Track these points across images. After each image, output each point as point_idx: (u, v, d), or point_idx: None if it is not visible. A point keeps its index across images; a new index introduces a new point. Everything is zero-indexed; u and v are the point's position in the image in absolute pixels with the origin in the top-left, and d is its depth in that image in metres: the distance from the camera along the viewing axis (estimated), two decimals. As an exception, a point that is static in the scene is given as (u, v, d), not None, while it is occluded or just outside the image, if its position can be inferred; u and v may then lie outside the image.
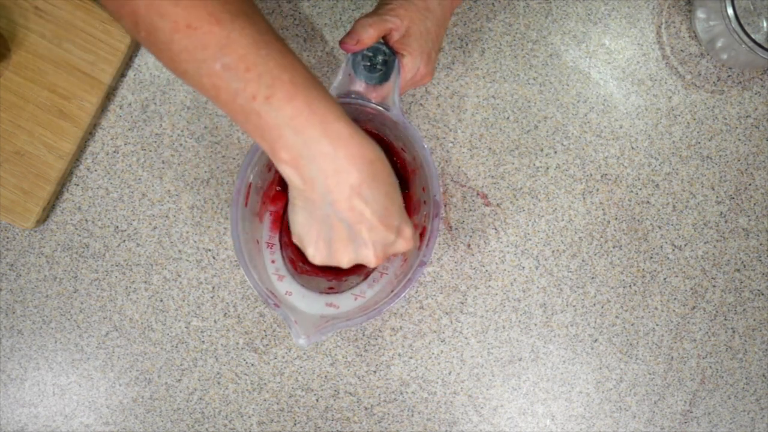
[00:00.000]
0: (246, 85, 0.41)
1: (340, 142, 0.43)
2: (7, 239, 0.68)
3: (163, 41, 0.41)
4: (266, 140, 0.43)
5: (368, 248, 0.47)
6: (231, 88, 0.41)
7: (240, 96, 0.41)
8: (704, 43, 0.66)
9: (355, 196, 0.44)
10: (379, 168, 0.45)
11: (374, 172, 0.44)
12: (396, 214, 0.47)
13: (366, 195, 0.44)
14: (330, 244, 0.47)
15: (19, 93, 0.65)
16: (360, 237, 0.46)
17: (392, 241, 0.48)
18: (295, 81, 0.42)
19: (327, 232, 0.47)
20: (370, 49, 0.54)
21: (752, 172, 0.67)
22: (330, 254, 0.48)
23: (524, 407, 0.67)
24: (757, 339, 0.68)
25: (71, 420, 0.68)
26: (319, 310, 0.56)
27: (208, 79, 0.42)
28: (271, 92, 0.41)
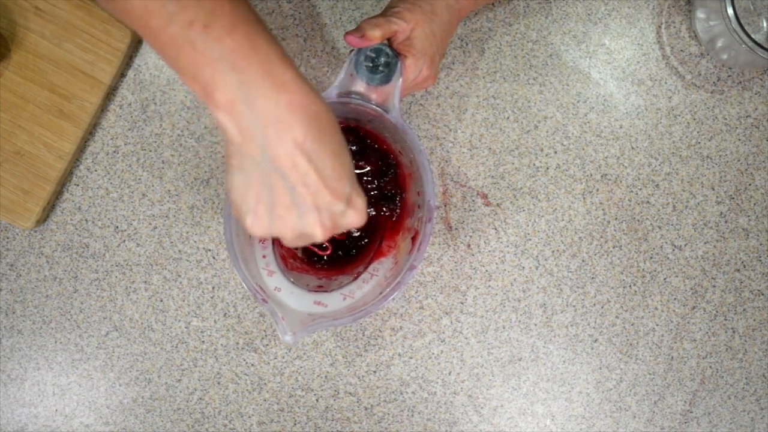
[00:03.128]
0: (183, 9, 0.36)
1: (283, 88, 0.38)
2: (7, 239, 0.68)
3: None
4: (199, 78, 0.38)
5: (313, 215, 0.42)
6: (165, 10, 0.36)
7: (174, 22, 0.37)
8: (704, 43, 0.66)
9: (298, 152, 0.39)
10: (326, 123, 0.40)
11: (320, 128, 0.40)
12: (345, 179, 0.42)
13: (311, 151, 0.39)
14: (271, 209, 0.42)
15: (19, 93, 0.65)
16: (304, 202, 0.41)
17: (341, 211, 0.43)
18: (236, 11, 0.37)
19: (267, 194, 0.41)
20: (374, 50, 0.54)
21: (752, 172, 0.67)
22: (271, 222, 0.42)
23: (524, 407, 0.67)
24: (757, 339, 0.68)
25: (71, 420, 0.68)
26: (307, 307, 0.56)
27: (138, 1, 0.37)
28: (210, 20, 0.37)
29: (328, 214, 0.43)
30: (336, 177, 0.41)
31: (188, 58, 0.38)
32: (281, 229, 0.43)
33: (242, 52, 0.37)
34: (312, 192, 0.41)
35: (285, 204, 0.41)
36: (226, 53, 0.37)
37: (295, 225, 0.42)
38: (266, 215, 0.42)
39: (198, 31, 0.37)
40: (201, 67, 0.38)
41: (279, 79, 0.38)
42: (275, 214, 0.42)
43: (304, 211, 0.42)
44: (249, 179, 0.41)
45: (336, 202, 0.42)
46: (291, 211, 0.42)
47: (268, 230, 0.43)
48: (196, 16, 0.37)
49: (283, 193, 0.41)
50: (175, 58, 0.38)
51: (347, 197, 0.43)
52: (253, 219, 0.43)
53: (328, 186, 0.41)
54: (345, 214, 0.43)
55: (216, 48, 0.37)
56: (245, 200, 0.42)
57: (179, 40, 0.37)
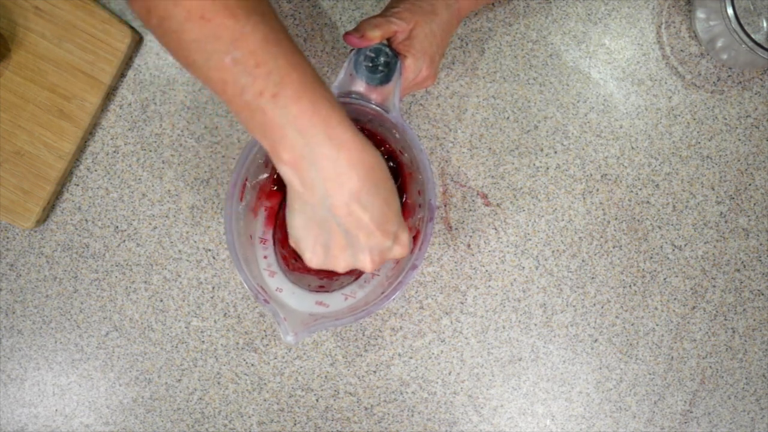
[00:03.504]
0: (254, 81, 0.41)
1: (342, 146, 0.43)
2: (7, 239, 0.68)
3: (174, 30, 0.41)
4: (268, 139, 0.43)
5: (365, 254, 0.47)
6: (239, 82, 0.41)
7: (247, 92, 0.41)
8: (704, 43, 0.66)
9: (354, 201, 0.44)
10: (379, 174, 0.45)
11: (374, 179, 0.45)
12: (393, 220, 0.47)
13: (365, 201, 0.44)
14: (327, 248, 0.47)
15: (19, 93, 0.65)
16: (357, 243, 0.46)
17: (389, 247, 0.48)
18: (303, 81, 0.42)
19: (325, 236, 0.47)
20: (373, 50, 0.54)
21: (752, 172, 0.67)
22: (327, 259, 0.48)
23: (524, 407, 0.67)
24: (757, 339, 0.68)
25: (71, 420, 0.68)
26: (309, 308, 0.56)
27: (216, 73, 0.41)
28: (278, 90, 0.41)
29: (378, 252, 0.48)
30: (385, 219, 0.46)
31: (259, 121, 0.42)
32: (335, 265, 0.48)
33: (306, 117, 0.42)
34: (364, 234, 0.46)
35: (340, 244, 0.47)
36: (292, 119, 0.42)
37: (348, 262, 0.48)
38: (323, 253, 0.48)
39: (267, 100, 0.41)
40: (270, 129, 0.42)
41: (338, 139, 0.43)
42: (332, 253, 0.48)
43: (357, 250, 0.47)
44: (309, 221, 0.46)
45: (385, 240, 0.47)
46: (345, 250, 0.47)
47: (323, 265, 0.49)
48: (266, 87, 0.41)
49: (339, 236, 0.46)
50: (247, 121, 0.43)
51: (394, 234, 0.48)
52: (311, 255, 0.48)
53: (380, 228, 0.46)
54: (392, 249, 0.49)
55: (284, 114, 0.42)
56: (305, 238, 0.48)
57: (252, 107, 0.42)
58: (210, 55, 0.41)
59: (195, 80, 0.67)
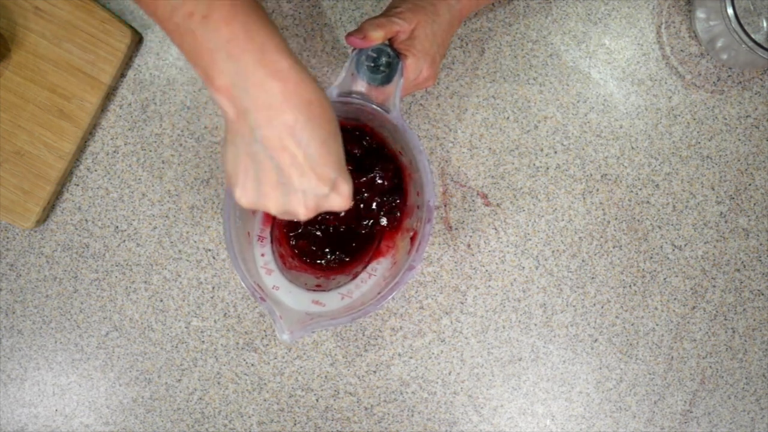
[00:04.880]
0: (183, 2, 0.39)
1: (277, 76, 0.41)
2: (7, 239, 0.68)
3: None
4: (200, 65, 0.41)
5: (298, 196, 0.44)
6: (168, 3, 0.40)
7: (177, 13, 0.40)
8: (704, 43, 0.66)
9: (287, 135, 0.42)
10: (318, 111, 0.42)
11: (311, 115, 0.42)
12: (333, 164, 0.44)
13: (300, 137, 0.42)
14: (258, 185, 0.44)
15: (19, 93, 0.65)
16: (290, 182, 0.44)
17: (325, 194, 0.45)
18: (234, 3, 0.40)
19: (255, 170, 0.44)
20: (375, 50, 0.55)
21: (752, 172, 0.67)
22: (258, 196, 0.45)
23: (524, 407, 0.67)
24: (757, 339, 0.68)
25: (71, 420, 0.68)
26: (305, 306, 0.56)
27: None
28: (208, 11, 0.39)
29: (312, 196, 0.45)
30: (322, 162, 0.43)
31: (189, 45, 0.41)
32: (266, 204, 0.45)
33: (238, 41, 0.40)
34: (297, 173, 0.43)
35: (271, 182, 0.44)
36: (223, 43, 0.40)
37: (279, 202, 0.45)
38: (253, 190, 0.45)
39: (197, 21, 0.40)
40: (201, 53, 0.41)
41: (273, 68, 0.41)
42: (262, 190, 0.45)
43: (288, 190, 0.44)
44: (240, 153, 0.44)
45: (320, 185, 0.44)
46: (276, 189, 0.44)
47: (254, 203, 0.45)
48: (195, 8, 0.39)
49: (270, 172, 0.43)
50: (179, 44, 0.41)
51: (332, 182, 0.45)
52: (241, 191, 0.45)
53: (314, 170, 0.43)
54: (328, 197, 0.45)
55: (213, 37, 0.40)
56: (236, 171, 0.45)
57: (181, 29, 0.40)
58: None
59: (195, 80, 0.67)
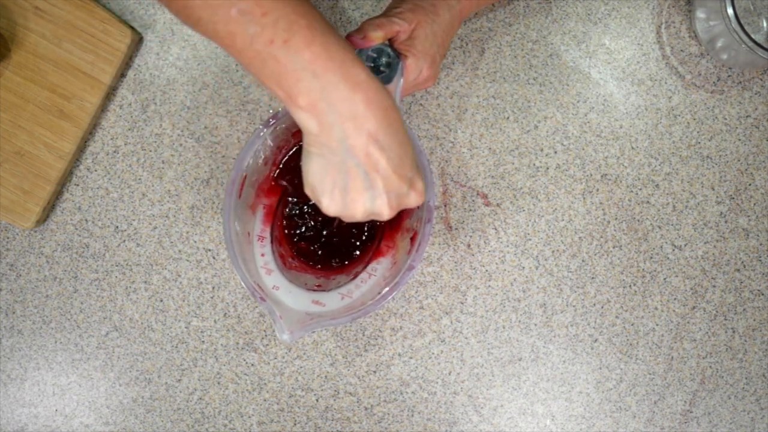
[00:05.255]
0: (263, 30, 0.41)
1: (357, 87, 0.43)
2: (7, 239, 0.68)
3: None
4: (283, 86, 0.43)
5: (383, 198, 0.47)
6: (247, 33, 0.41)
7: (256, 41, 0.41)
8: (704, 43, 0.66)
9: (372, 143, 0.44)
10: (394, 116, 0.45)
11: (390, 120, 0.44)
12: (409, 165, 0.47)
13: (382, 142, 0.44)
14: (345, 193, 0.47)
15: (19, 93, 0.65)
16: (376, 186, 0.46)
17: (405, 193, 0.48)
18: (312, 26, 0.42)
19: (343, 179, 0.46)
20: (375, 50, 0.55)
21: (752, 172, 0.67)
22: (345, 204, 0.47)
23: (524, 407, 0.67)
24: (757, 339, 0.68)
25: (71, 420, 0.68)
26: (305, 306, 0.56)
27: (223, 26, 0.41)
28: (288, 36, 0.41)
29: (395, 195, 0.47)
30: (402, 163, 0.46)
31: (272, 69, 0.42)
32: (354, 209, 0.47)
33: (320, 61, 0.42)
34: (382, 177, 0.46)
35: (358, 187, 0.46)
36: (306, 63, 0.42)
37: (366, 206, 0.47)
38: (341, 198, 0.47)
39: (278, 47, 0.41)
40: (284, 75, 0.42)
41: (354, 80, 0.43)
42: (350, 197, 0.47)
43: (375, 194, 0.47)
44: (327, 164, 0.46)
45: (402, 185, 0.47)
46: (364, 194, 0.46)
47: (341, 211, 0.48)
48: (275, 35, 0.41)
49: (359, 178, 0.46)
50: (259, 70, 0.43)
51: (410, 180, 0.47)
52: (329, 200, 0.47)
53: (396, 171, 0.46)
54: (408, 195, 0.48)
55: (297, 60, 0.42)
56: (323, 183, 0.47)
57: (263, 56, 0.42)
58: (215, 9, 0.41)
59: (195, 80, 0.67)
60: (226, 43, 0.42)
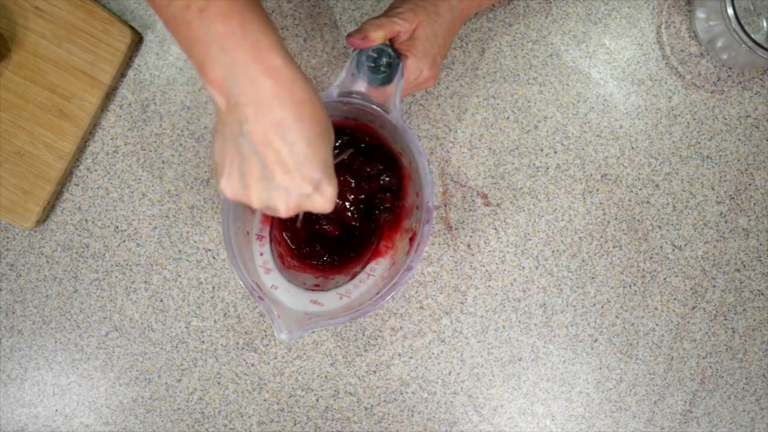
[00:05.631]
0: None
1: (269, 73, 0.41)
2: (7, 239, 0.68)
3: None
4: (194, 56, 0.42)
5: (280, 193, 0.44)
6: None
7: (174, 3, 0.40)
8: (704, 43, 0.66)
9: (273, 132, 0.42)
10: (308, 111, 0.42)
11: (301, 114, 0.42)
12: (318, 165, 0.44)
13: (286, 135, 0.42)
14: (243, 177, 0.45)
15: (19, 93, 0.65)
16: (273, 178, 0.44)
17: (308, 194, 0.45)
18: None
19: (240, 163, 0.44)
20: (375, 50, 0.55)
21: (752, 172, 0.67)
22: (241, 188, 0.45)
23: (524, 407, 0.67)
24: (757, 339, 0.68)
25: (71, 420, 0.68)
26: (304, 306, 0.56)
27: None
28: (205, 5, 0.40)
29: (295, 195, 0.45)
30: (307, 162, 0.43)
31: (185, 35, 0.41)
32: (249, 197, 0.45)
33: (233, 36, 0.40)
34: (281, 171, 0.43)
35: (255, 176, 0.44)
36: (218, 36, 0.40)
37: (261, 197, 0.45)
38: (237, 181, 0.45)
39: (194, 14, 0.40)
40: (195, 44, 0.41)
41: (266, 64, 0.41)
42: (245, 182, 0.45)
43: (271, 186, 0.44)
44: (227, 146, 0.44)
45: (303, 184, 0.44)
46: (260, 183, 0.44)
47: (237, 195, 0.46)
48: (192, 1, 0.40)
49: (254, 166, 0.44)
50: (175, 34, 0.42)
51: (316, 183, 0.45)
52: (225, 181, 0.45)
53: (299, 169, 0.43)
54: (311, 197, 0.45)
55: (209, 31, 0.40)
56: (221, 162, 0.45)
57: (177, 20, 0.41)
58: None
59: (195, 80, 0.67)
60: (148, 1, 0.42)
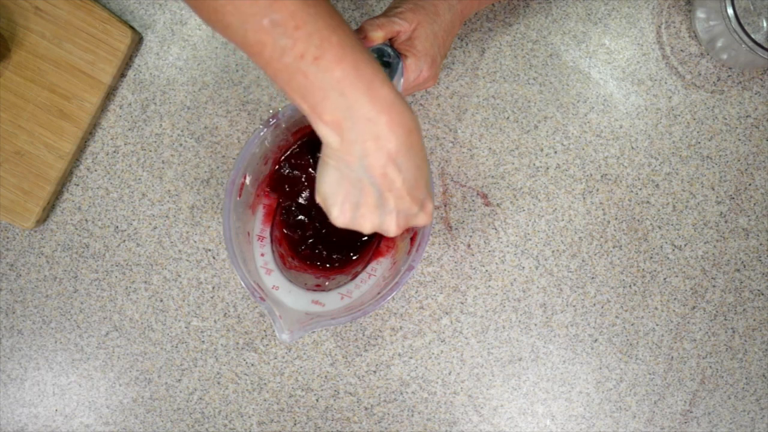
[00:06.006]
0: (294, 43, 0.40)
1: (384, 109, 0.43)
2: (7, 239, 0.68)
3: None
4: (308, 101, 0.43)
5: (392, 216, 0.48)
6: (278, 45, 0.41)
7: (287, 54, 0.41)
8: (704, 43, 0.66)
9: (390, 163, 0.44)
10: (416, 138, 0.45)
11: (411, 142, 0.45)
12: (423, 187, 0.48)
13: (400, 164, 0.45)
14: (357, 207, 0.47)
15: (19, 93, 0.65)
16: (387, 204, 0.47)
17: (415, 213, 0.48)
18: (343, 43, 0.42)
19: (356, 195, 0.47)
20: (375, 50, 0.55)
21: (752, 172, 0.67)
22: (354, 218, 0.48)
23: (524, 407, 0.67)
24: (757, 339, 0.68)
25: (71, 420, 0.68)
26: (305, 306, 0.56)
27: (253, 35, 0.41)
28: (320, 53, 0.41)
29: (405, 216, 0.48)
30: (416, 185, 0.47)
31: (299, 83, 0.42)
32: (362, 224, 0.48)
33: (349, 80, 0.42)
34: (395, 197, 0.46)
35: (370, 204, 0.47)
36: (335, 83, 0.42)
37: (375, 222, 0.48)
38: (351, 211, 0.48)
39: (309, 62, 0.41)
40: (311, 91, 0.42)
41: (381, 101, 0.43)
42: (360, 212, 0.48)
43: (385, 212, 0.47)
44: (342, 178, 0.46)
45: (413, 206, 0.48)
46: (374, 211, 0.47)
47: (349, 223, 0.48)
48: (306, 50, 0.41)
49: (371, 196, 0.46)
50: (285, 83, 0.42)
51: (422, 202, 0.48)
52: (339, 212, 0.48)
53: (410, 193, 0.47)
54: (417, 216, 0.49)
55: (326, 77, 0.41)
56: (335, 195, 0.47)
57: (291, 69, 0.41)
58: (247, 18, 0.40)
59: (195, 80, 0.67)
60: (254, 51, 0.42)
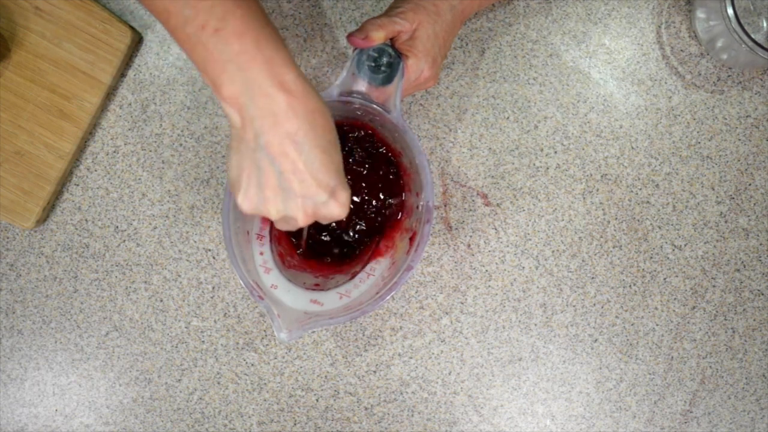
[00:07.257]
0: (197, 14, 0.41)
1: (283, 87, 0.43)
2: (7, 239, 0.68)
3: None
4: (209, 74, 0.43)
5: (297, 202, 0.46)
6: (182, 14, 0.41)
7: (189, 24, 0.41)
8: (704, 43, 0.66)
9: (289, 142, 0.43)
10: (320, 120, 0.44)
11: (313, 123, 0.44)
12: (332, 172, 0.46)
13: (301, 143, 0.44)
14: (260, 190, 0.46)
15: (19, 93, 0.65)
16: (290, 188, 0.45)
17: (324, 201, 0.46)
18: (246, 18, 0.42)
19: (257, 176, 0.45)
20: (376, 50, 0.55)
21: (752, 172, 0.67)
22: (259, 201, 0.46)
23: (524, 407, 0.67)
24: (757, 339, 0.68)
25: (71, 420, 0.68)
26: (303, 306, 0.56)
27: (160, 2, 0.41)
28: (221, 25, 0.41)
29: (311, 202, 0.46)
30: (322, 170, 0.45)
31: (200, 55, 0.42)
32: (267, 209, 0.46)
33: (248, 54, 0.42)
34: (298, 180, 0.45)
35: (272, 187, 0.45)
36: (234, 55, 0.42)
37: (279, 207, 0.46)
38: (255, 195, 0.46)
39: (209, 34, 0.41)
40: (211, 64, 0.42)
41: (280, 79, 0.42)
42: (263, 195, 0.46)
43: (289, 196, 0.46)
44: (243, 159, 0.45)
45: (319, 192, 0.45)
46: (277, 194, 0.46)
47: (255, 208, 0.47)
48: (207, 21, 0.41)
49: (272, 177, 0.45)
50: (189, 53, 0.43)
51: (331, 189, 0.46)
52: (243, 196, 0.46)
53: (314, 177, 0.45)
54: (327, 204, 0.47)
55: (225, 50, 0.42)
56: (239, 178, 0.46)
57: (193, 40, 0.42)
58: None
59: (195, 80, 0.67)
60: (161, 19, 0.42)
